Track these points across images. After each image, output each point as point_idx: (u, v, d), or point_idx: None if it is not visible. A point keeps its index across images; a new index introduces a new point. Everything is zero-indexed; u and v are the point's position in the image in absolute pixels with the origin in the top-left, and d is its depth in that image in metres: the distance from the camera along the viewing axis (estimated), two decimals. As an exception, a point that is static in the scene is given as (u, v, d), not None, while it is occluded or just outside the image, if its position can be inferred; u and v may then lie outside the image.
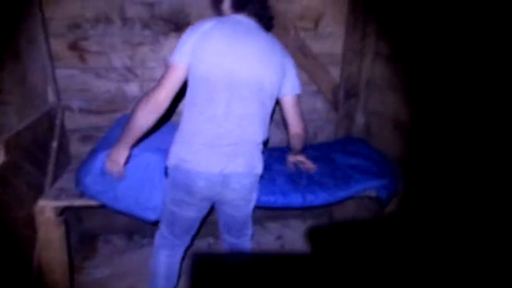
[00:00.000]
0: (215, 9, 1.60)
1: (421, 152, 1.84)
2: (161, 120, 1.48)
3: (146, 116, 1.41)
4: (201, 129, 1.44)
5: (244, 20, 1.49)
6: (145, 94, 1.44)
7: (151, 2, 2.13)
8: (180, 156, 1.46)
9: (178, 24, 2.19)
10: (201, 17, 2.17)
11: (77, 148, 2.30)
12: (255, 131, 1.51)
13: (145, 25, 2.16)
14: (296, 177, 1.95)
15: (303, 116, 1.79)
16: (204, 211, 1.63)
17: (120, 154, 1.51)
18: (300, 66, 2.36)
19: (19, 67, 2.02)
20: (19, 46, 1.99)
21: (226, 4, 1.53)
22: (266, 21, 1.58)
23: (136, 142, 1.51)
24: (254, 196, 1.65)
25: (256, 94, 1.46)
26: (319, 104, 2.50)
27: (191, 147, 1.45)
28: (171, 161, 1.49)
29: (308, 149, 2.33)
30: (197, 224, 1.68)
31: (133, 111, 1.46)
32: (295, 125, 1.76)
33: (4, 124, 2.14)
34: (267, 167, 2.09)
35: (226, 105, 1.42)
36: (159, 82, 1.41)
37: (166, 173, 1.56)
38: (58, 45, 2.11)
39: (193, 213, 1.58)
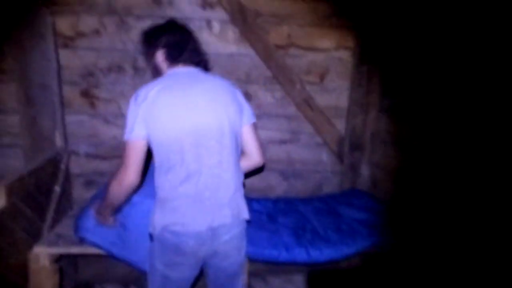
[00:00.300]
0: (150, 65, 1.55)
1: (425, 203, 1.80)
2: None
3: (120, 196, 1.47)
4: (179, 192, 1.39)
5: (184, 71, 1.47)
6: (114, 176, 1.43)
7: (163, 54, 2.21)
8: (165, 223, 1.40)
9: (187, 75, 2.26)
10: (211, 69, 2.25)
11: (80, 193, 2.29)
12: (232, 176, 1.46)
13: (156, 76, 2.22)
14: (301, 231, 1.90)
15: (262, 144, 1.68)
16: (198, 269, 1.55)
17: (105, 214, 1.61)
18: (306, 118, 2.39)
19: (30, 112, 2.09)
20: (32, 92, 2.06)
21: (160, 58, 1.48)
22: (203, 66, 1.57)
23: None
24: (244, 243, 1.58)
25: (222, 139, 1.42)
26: (325, 156, 2.49)
27: (174, 211, 1.40)
28: (156, 229, 1.42)
29: (313, 201, 2.30)
30: (190, 284, 1.60)
31: (108, 189, 1.47)
32: (254, 153, 1.61)
33: (12, 166, 2.17)
34: (271, 218, 2.06)
35: (196, 161, 1.38)
36: (123, 162, 1.39)
37: (151, 239, 1.48)
38: (71, 92, 2.17)
39: (187, 272, 1.49)
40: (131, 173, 1.39)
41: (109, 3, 2.12)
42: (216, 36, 2.24)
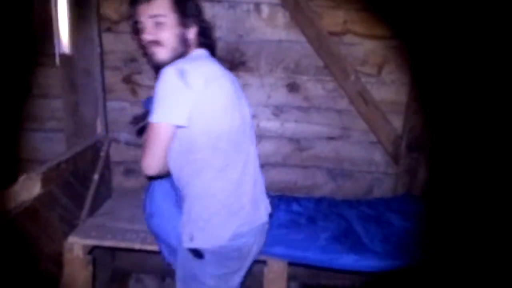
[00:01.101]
0: (178, 37, 1.29)
1: (490, 217, 1.54)
2: None
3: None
4: (241, 190, 1.29)
5: (205, 54, 1.34)
6: (141, 160, 1.25)
7: (208, 39, 2.09)
8: (232, 231, 1.26)
9: (232, 63, 2.12)
10: (257, 56, 2.10)
11: (120, 181, 2.26)
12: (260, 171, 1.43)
13: (199, 62, 2.11)
14: (342, 237, 1.72)
15: None
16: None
17: None
18: (360, 113, 2.17)
19: (73, 97, 2.05)
20: (75, 77, 2.02)
21: (191, 34, 1.31)
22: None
23: None
24: None
25: (252, 133, 1.39)
26: (378, 156, 2.26)
27: (239, 213, 1.28)
28: (219, 242, 1.26)
29: (361, 204, 2.09)
30: None
31: None
32: None
33: (56, 150, 2.17)
34: (310, 221, 1.89)
35: (248, 153, 1.31)
36: (146, 147, 1.23)
37: (199, 256, 1.29)
38: (113, 78, 2.12)
39: (239, 279, 1.38)
40: (150, 161, 1.22)
41: (154, -15, 2.02)
42: (265, 20, 2.07)
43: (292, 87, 2.15)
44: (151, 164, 1.23)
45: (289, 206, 2.01)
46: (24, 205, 1.40)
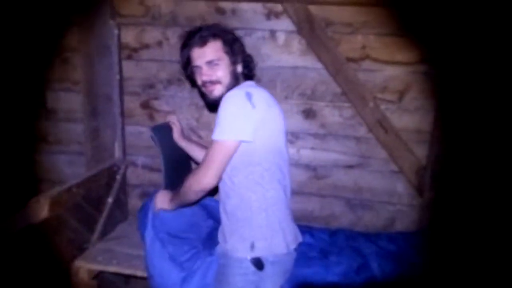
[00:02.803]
0: (231, 74, 1.51)
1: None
2: None
3: (192, 196, 1.48)
4: (285, 205, 1.46)
5: (255, 84, 1.57)
6: (193, 174, 1.44)
7: (224, 66, 2.10)
8: (287, 243, 1.42)
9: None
10: (272, 83, 2.08)
11: (136, 204, 2.27)
12: None
13: (216, 88, 2.12)
14: (353, 274, 1.61)
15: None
16: None
17: (169, 204, 1.63)
18: (379, 142, 2.07)
19: (94, 122, 2.13)
20: (96, 103, 2.10)
21: (239, 68, 1.53)
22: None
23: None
24: None
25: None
26: (400, 187, 2.13)
27: (291, 226, 1.48)
28: (274, 250, 1.39)
29: (380, 239, 1.96)
30: None
31: (185, 185, 1.47)
32: None
33: (78, 173, 2.24)
34: (322, 254, 1.78)
35: (287, 175, 1.49)
36: (207, 161, 1.37)
37: (259, 267, 1.37)
38: (132, 103, 2.18)
39: None
40: (212, 175, 1.36)
41: (173, 15, 2.08)
42: (280, 47, 2.05)
43: (308, 114, 2.10)
44: (211, 178, 1.36)
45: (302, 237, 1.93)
46: (32, 228, 1.44)
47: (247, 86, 1.46)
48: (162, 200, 1.65)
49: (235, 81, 1.50)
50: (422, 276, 1.64)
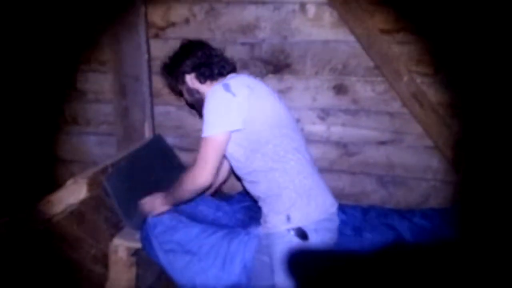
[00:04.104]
0: (184, 93, 1.69)
1: None
2: None
3: (189, 194, 1.53)
4: (308, 164, 1.45)
5: (233, 75, 1.61)
6: (189, 171, 1.48)
7: (252, 42, 2.05)
8: (321, 208, 1.41)
9: (277, 66, 2.07)
10: (302, 58, 2.03)
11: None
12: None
13: (244, 66, 2.08)
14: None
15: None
16: None
17: (160, 208, 1.63)
18: (414, 116, 2.00)
19: (123, 102, 2.13)
20: (125, 83, 2.09)
21: (190, 82, 1.61)
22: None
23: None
24: None
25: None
26: (435, 163, 2.07)
27: (323, 193, 1.46)
28: (310, 217, 1.38)
29: (414, 215, 1.93)
30: None
31: (180, 183, 1.52)
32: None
33: (108, 153, 2.27)
34: (356, 232, 1.76)
35: (304, 145, 1.50)
36: (202, 158, 1.41)
37: (302, 236, 1.36)
38: (160, 83, 2.16)
39: None
40: (207, 173, 1.40)
41: (199, -10, 2.03)
42: (311, 20, 1.98)
43: (339, 89, 2.04)
44: (206, 177, 1.40)
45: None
46: (71, 209, 1.47)
47: (227, 79, 1.52)
48: (152, 206, 1.64)
49: (205, 87, 1.57)
50: (456, 252, 1.61)
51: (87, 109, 2.28)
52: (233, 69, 1.65)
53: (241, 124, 1.37)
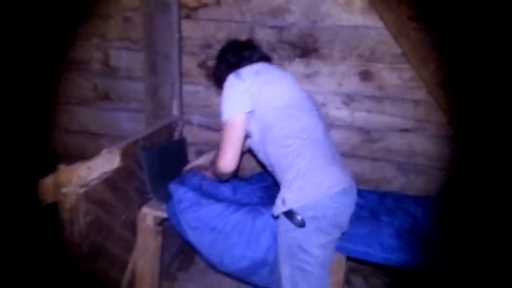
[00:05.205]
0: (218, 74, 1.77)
1: None
2: None
3: (225, 177, 1.64)
4: (322, 151, 1.41)
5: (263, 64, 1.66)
6: (217, 160, 1.56)
7: (281, 25, 2.09)
8: (318, 191, 1.33)
9: (305, 50, 2.10)
10: (330, 43, 2.05)
11: (192, 161, 2.38)
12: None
13: (272, 49, 2.12)
14: (406, 234, 1.63)
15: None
16: None
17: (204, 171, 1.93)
18: (439, 105, 2.01)
19: (153, 80, 2.21)
20: (156, 62, 2.17)
21: (225, 74, 1.65)
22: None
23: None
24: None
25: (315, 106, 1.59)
26: (456, 152, 2.08)
27: (324, 173, 1.38)
28: (303, 200, 1.33)
29: (429, 201, 1.94)
30: None
31: (214, 171, 1.73)
32: None
33: (137, 129, 2.36)
34: (373, 215, 1.80)
35: (317, 125, 1.48)
36: (221, 145, 1.51)
37: (291, 218, 1.35)
38: (189, 63, 2.23)
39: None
40: (229, 157, 1.48)
41: (231, -28, 2.07)
42: (341, 5, 2.00)
43: (366, 76, 2.06)
44: (229, 161, 1.48)
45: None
46: (105, 176, 1.56)
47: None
48: (201, 164, 1.95)
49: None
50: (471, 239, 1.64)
51: (120, 85, 2.37)
52: (262, 59, 1.70)
53: (252, 106, 1.47)
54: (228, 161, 1.47)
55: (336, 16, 2.01)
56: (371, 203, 1.92)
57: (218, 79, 1.74)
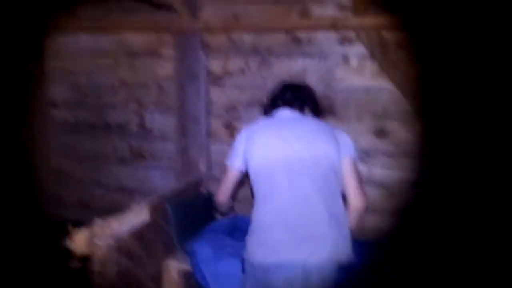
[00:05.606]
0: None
1: None
2: None
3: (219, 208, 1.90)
4: (270, 218, 1.42)
5: (287, 112, 1.66)
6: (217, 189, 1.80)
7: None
8: (257, 253, 1.40)
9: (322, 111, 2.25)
10: (345, 104, 2.19)
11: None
12: (325, 208, 1.38)
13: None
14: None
15: (363, 188, 1.57)
16: None
17: None
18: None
19: (183, 141, 2.42)
20: (185, 124, 2.39)
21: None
22: (312, 109, 1.74)
23: None
24: None
25: (314, 170, 1.44)
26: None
27: (266, 241, 1.39)
28: (249, 260, 1.44)
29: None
30: None
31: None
32: (350, 194, 1.52)
33: (168, 186, 2.53)
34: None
35: (289, 190, 1.42)
36: (220, 181, 1.76)
37: (243, 270, 1.50)
38: (216, 124, 2.44)
39: None
40: (220, 192, 1.74)
41: (253, 44, 2.32)
42: (353, 70, 2.17)
43: (380, 133, 2.16)
44: (219, 195, 1.76)
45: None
46: (135, 229, 1.70)
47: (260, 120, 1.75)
48: None
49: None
50: None
51: (153, 145, 2.60)
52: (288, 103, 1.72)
53: (239, 165, 1.64)
54: (219, 195, 1.76)
55: (349, 79, 2.17)
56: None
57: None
